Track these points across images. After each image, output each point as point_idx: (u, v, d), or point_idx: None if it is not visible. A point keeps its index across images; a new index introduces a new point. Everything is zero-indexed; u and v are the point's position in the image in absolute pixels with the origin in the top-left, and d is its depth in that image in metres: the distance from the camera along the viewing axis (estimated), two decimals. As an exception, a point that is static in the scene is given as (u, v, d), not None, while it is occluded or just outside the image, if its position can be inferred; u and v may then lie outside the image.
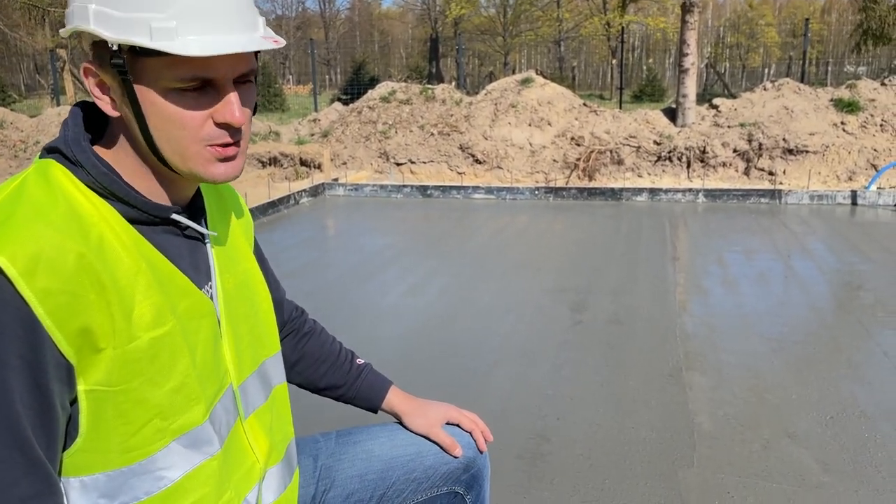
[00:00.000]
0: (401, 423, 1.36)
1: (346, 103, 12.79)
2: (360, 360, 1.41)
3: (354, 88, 17.59)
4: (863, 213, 7.13)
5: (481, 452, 1.35)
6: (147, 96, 0.86)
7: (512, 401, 2.95)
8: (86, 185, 0.87)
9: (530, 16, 33.37)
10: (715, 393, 2.97)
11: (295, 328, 1.37)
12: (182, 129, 0.87)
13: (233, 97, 0.88)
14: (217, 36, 0.84)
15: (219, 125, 0.89)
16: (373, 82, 16.36)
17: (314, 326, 1.41)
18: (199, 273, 0.98)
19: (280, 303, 1.31)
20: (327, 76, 46.12)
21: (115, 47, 0.84)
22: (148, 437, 0.87)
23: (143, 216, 0.91)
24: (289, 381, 1.36)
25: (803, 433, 2.63)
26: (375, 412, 1.41)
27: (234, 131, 0.90)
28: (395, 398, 1.38)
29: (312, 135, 10.92)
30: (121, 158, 0.92)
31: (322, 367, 1.37)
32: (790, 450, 2.51)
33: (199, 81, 0.86)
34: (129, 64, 0.85)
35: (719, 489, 2.29)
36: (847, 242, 5.71)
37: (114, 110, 0.90)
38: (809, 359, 3.33)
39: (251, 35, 0.89)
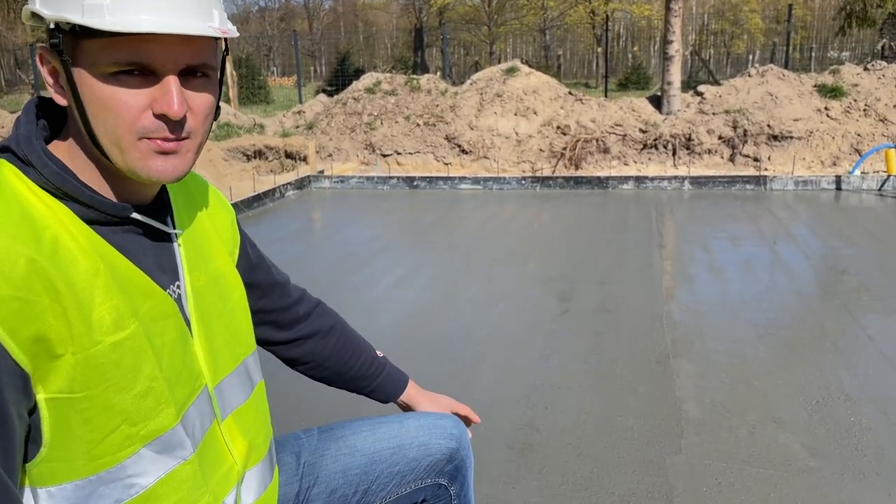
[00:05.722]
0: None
1: (330, 95, 12.71)
2: (379, 353, 1.45)
3: (339, 80, 17.48)
4: (847, 197, 7.17)
5: (474, 423, 1.44)
6: (85, 80, 0.82)
7: (500, 390, 2.95)
8: (38, 185, 0.84)
9: (515, 4, 33.26)
10: (702, 380, 2.99)
11: (318, 326, 1.36)
12: (117, 117, 0.82)
13: (172, 86, 0.83)
14: (153, 17, 0.79)
15: (157, 116, 0.84)
16: (358, 73, 16.24)
17: (338, 320, 1.41)
18: (164, 273, 0.94)
19: (281, 285, 1.30)
20: (312, 68, 45.82)
21: (51, 26, 0.82)
22: (116, 443, 0.84)
23: (101, 216, 0.88)
24: (313, 376, 1.39)
25: (789, 418, 2.65)
26: (387, 403, 1.45)
27: (174, 125, 0.85)
28: (412, 392, 1.46)
29: (297, 127, 10.85)
30: (76, 155, 0.88)
31: (351, 362, 1.39)
32: (776, 435, 2.53)
33: (138, 67, 0.82)
34: (69, 46, 0.82)
35: (706, 475, 2.30)
36: (832, 227, 5.74)
37: (62, 98, 0.86)
38: (795, 344, 3.35)
39: (196, 22, 0.82)
